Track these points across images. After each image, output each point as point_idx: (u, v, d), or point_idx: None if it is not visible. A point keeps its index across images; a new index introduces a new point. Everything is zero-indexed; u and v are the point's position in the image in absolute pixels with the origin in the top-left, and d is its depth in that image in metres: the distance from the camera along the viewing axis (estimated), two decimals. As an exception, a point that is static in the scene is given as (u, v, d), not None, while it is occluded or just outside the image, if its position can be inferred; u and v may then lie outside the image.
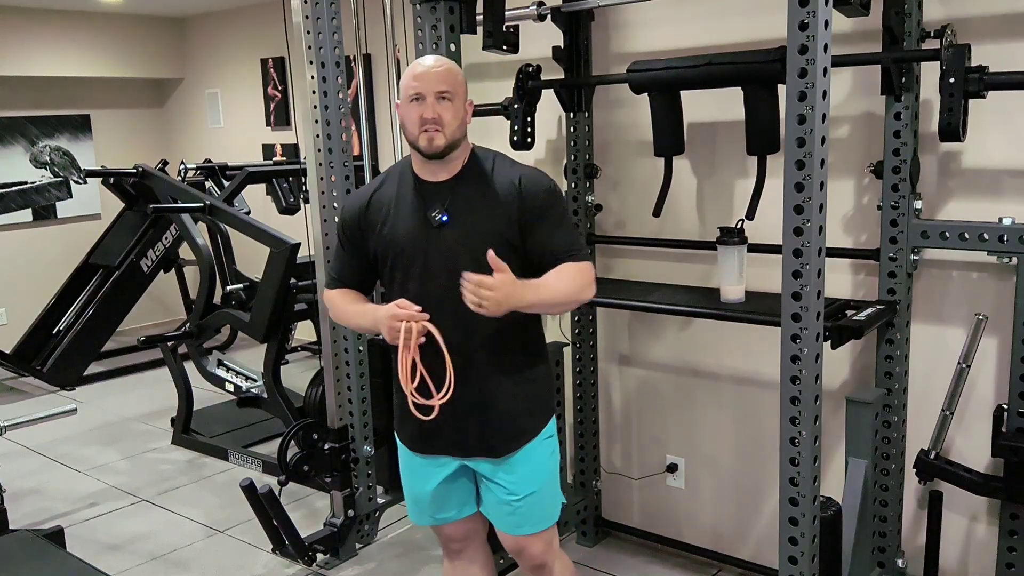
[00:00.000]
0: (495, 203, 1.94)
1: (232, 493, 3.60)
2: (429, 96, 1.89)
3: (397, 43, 3.34)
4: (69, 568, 2.23)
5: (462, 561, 2.25)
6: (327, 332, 3.11)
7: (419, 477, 2.11)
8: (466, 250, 1.91)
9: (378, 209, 2.01)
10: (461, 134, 1.95)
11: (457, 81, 1.94)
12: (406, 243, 1.96)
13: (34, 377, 5.33)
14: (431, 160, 1.94)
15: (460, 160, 1.98)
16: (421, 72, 1.91)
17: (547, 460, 2.10)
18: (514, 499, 2.04)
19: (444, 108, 1.90)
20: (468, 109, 1.98)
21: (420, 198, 1.97)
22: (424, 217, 1.95)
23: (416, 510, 2.16)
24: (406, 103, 1.93)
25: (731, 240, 2.41)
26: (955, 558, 2.51)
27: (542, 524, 2.11)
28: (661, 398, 3.04)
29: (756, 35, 2.52)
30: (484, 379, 1.97)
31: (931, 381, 2.44)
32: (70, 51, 6.17)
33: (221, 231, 4.43)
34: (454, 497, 2.11)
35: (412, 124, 1.91)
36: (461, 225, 1.93)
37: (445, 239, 1.93)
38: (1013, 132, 2.25)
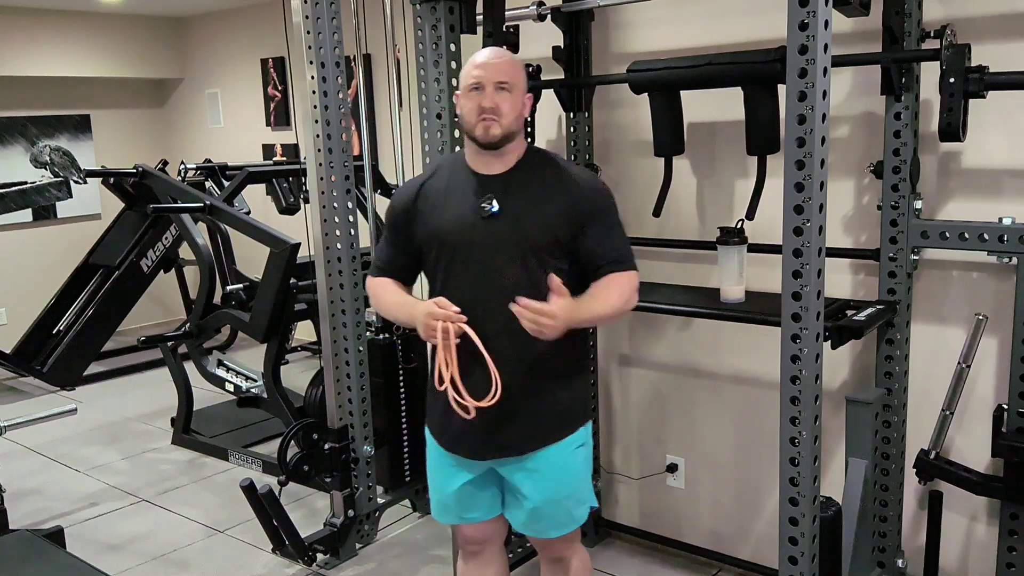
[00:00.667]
0: (547, 199, 1.94)
1: (232, 493, 3.60)
2: (489, 86, 1.90)
3: (397, 43, 3.34)
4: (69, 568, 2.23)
5: (478, 563, 2.23)
6: (327, 332, 3.11)
7: (446, 475, 2.09)
8: (514, 243, 1.91)
9: (428, 199, 2.00)
10: (517, 127, 1.95)
11: (517, 73, 1.94)
12: (455, 233, 1.95)
13: (34, 377, 5.33)
14: (486, 151, 1.94)
15: (515, 154, 1.98)
16: (482, 61, 1.92)
17: (577, 468, 2.07)
18: (534, 507, 2.03)
19: (503, 99, 1.90)
20: (527, 103, 1.97)
21: (472, 189, 1.96)
22: (475, 208, 1.94)
23: (441, 508, 2.15)
24: (465, 92, 1.93)
25: (731, 240, 2.41)
26: (955, 558, 2.51)
27: (566, 528, 2.10)
28: (661, 398, 3.04)
29: (756, 35, 2.52)
30: (522, 377, 1.96)
31: (931, 381, 2.44)
32: (70, 51, 6.17)
33: (221, 231, 4.43)
34: (481, 498, 2.10)
35: (470, 113, 1.92)
36: (511, 218, 1.92)
37: (494, 231, 1.92)
38: (1013, 132, 2.25)
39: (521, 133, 1.99)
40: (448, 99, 2.53)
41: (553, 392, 2.00)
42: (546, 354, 1.96)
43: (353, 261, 3.06)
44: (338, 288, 3.07)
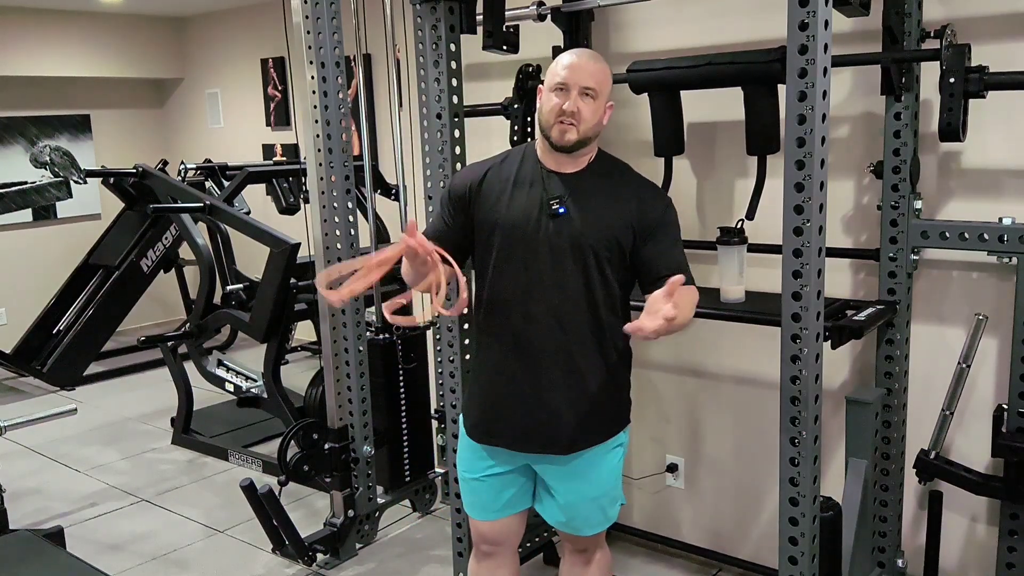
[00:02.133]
0: (614, 205, 1.93)
1: (232, 493, 3.60)
2: (574, 89, 1.88)
3: (397, 43, 3.34)
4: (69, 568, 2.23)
5: (491, 564, 2.22)
6: (327, 332, 3.11)
7: (481, 467, 2.08)
8: (576, 245, 1.90)
9: (492, 185, 1.99)
10: (594, 133, 1.94)
11: (605, 81, 1.92)
12: (516, 225, 1.93)
13: (34, 377, 5.33)
14: (557, 152, 1.94)
15: (587, 157, 1.97)
16: (572, 62, 1.90)
17: (613, 468, 2.07)
18: (569, 505, 2.04)
19: (585, 104, 1.88)
20: (608, 112, 1.96)
21: (540, 185, 1.95)
22: (541, 204, 1.93)
23: (471, 499, 2.14)
24: (549, 90, 1.91)
25: (731, 240, 2.41)
26: (955, 558, 2.51)
27: (600, 526, 2.11)
28: (661, 398, 3.04)
29: (756, 35, 2.52)
30: (567, 374, 1.95)
31: (931, 381, 2.44)
32: (70, 51, 6.17)
33: (221, 231, 4.43)
34: (510, 492, 2.09)
35: (550, 113, 1.90)
36: (577, 220, 1.91)
37: (558, 230, 1.91)
38: (1013, 132, 2.25)
39: (596, 140, 1.97)
40: (448, 99, 2.53)
41: (600, 393, 1.99)
42: (595, 354, 1.95)
43: (353, 261, 3.06)
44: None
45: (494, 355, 2.01)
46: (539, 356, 1.95)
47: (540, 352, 1.94)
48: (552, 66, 1.94)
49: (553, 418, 1.97)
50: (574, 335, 1.92)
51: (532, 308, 1.92)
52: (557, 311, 1.91)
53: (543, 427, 1.98)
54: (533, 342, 1.93)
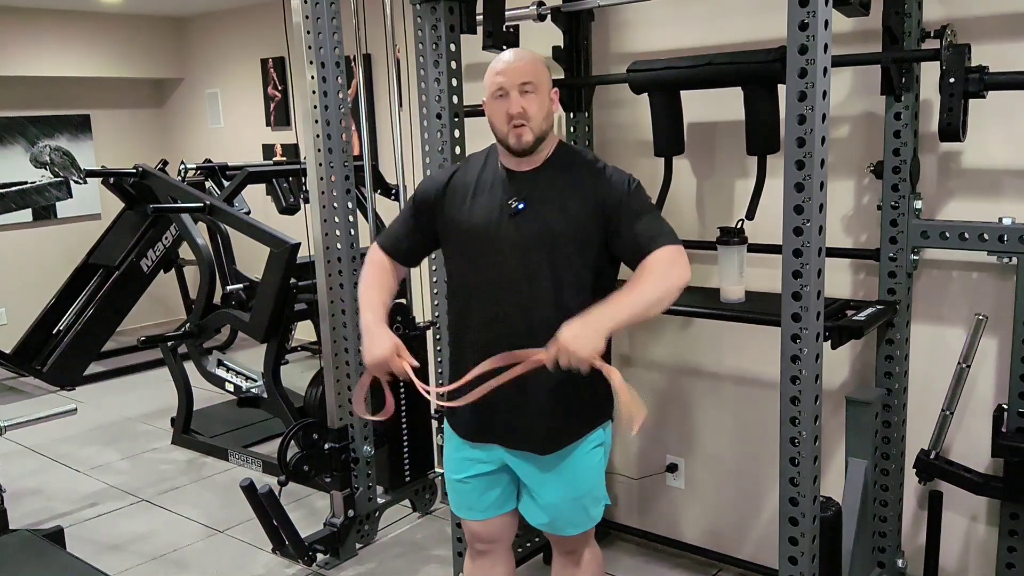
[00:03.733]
0: (573, 195, 1.93)
1: (232, 493, 3.60)
2: (513, 90, 1.88)
3: (397, 43, 3.34)
4: (69, 568, 2.23)
5: (485, 562, 2.23)
6: (327, 332, 3.11)
7: (465, 466, 2.10)
8: (539, 239, 1.91)
9: (456, 190, 2.01)
10: (548, 126, 1.94)
11: (539, 72, 1.92)
12: (479, 227, 1.95)
13: (34, 377, 5.33)
14: (518, 156, 1.95)
15: (545, 152, 1.97)
16: (502, 67, 1.91)
17: (594, 467, 2.08)
18: (551, 505, 2.04)
19: (529, 101, 1.89)
20: (553, 99, 1.96)
21: (501, 185, 1.97)
22: (501, 204, 1.94)
23: (458, 500, 2.17)
24: (491, 100, 1.92)
25: (731, 240, 2.41)
26: (955, 558, 2.51)
27: (583, 527, 2.11)
28: (661, 398, 3.04)
29: (756, 35, 2.52)
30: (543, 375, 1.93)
31: (931, 381, 2.44)
32: (70, 51, 6.17)
33: (221, 231, 4.43)
34: (494, 492, 2.11)
35: (500, 121, 1.91)
36: (537, 214, 1.92)
37: (519, 227, 1.92)
38: (1013, 132, 2.25)
39: (552, 131, 1.97)
40: (448, 99, 2.53)
41: (574, 391, 1.99)
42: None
43: (353, 261, 3.06)
44: (338, 288, 3.08)
45: (468, 355, 2.01)
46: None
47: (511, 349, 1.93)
48: (486, 76, 1.95)
49: (528, 416, 1.98)
50: (544, 331, 1.88)
51: (501, 307, 1.93)
52: (526, 308, 1.92)
53: (520, 425, 2.00)
54: (504, 340, 1.93)
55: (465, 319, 2.04)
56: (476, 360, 1.95)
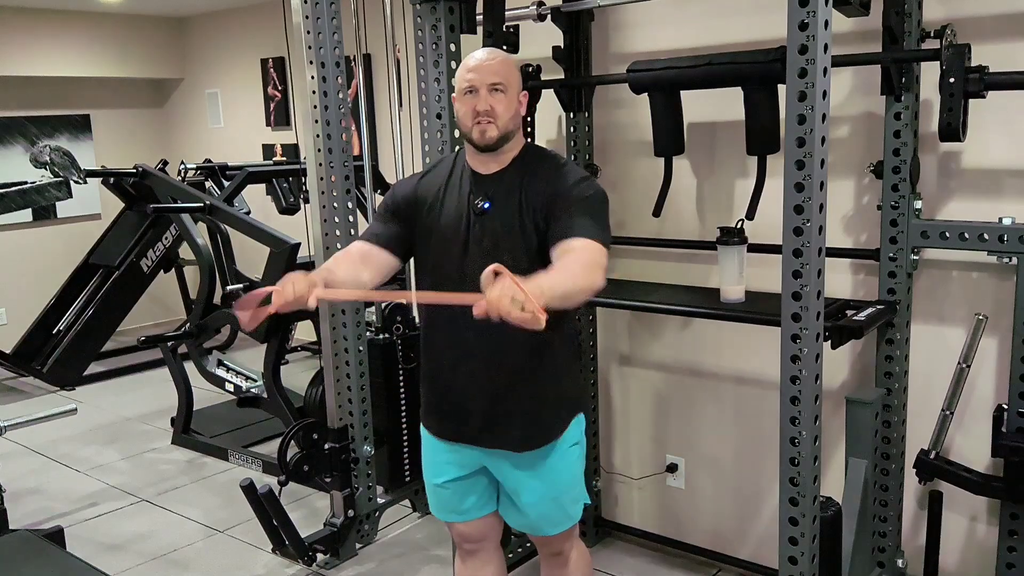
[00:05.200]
0: (536, 193, 1.94)
1: (232, 493, 3.60)
2: (482, 88, 1.90)
3: (397, 43, 3.34)
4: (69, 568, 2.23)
5: (475, 562, 2.24)
6: (327, 332, 3.11)
7: (442, 470, 2.11)
8: (505, 239, 1.92)
9: (426, 194, 2.02)
10: (514, 126, 1.95)
11: (511, 73, 1.94)
12: (448, 229, 1.96)
13: (34, 377, 5.33)
14: (483, 152, 1.96)
15: (511, 153, 1.99)
16: (475, 64, 1.93)
17: (571, 465, 2.08)
18: (530, 504, 2.04)
19: (497, 100, 1.90)
20: (522, 101, 1.98)
21: (469, 187, 1.98)
22: (469, 204, 1.96)
23: (437, 503, 2.17)
24: (460, 96, 1.94)
25: (731, 240, 2.41)
26: (955, 558, 2.51)
27: (563, 526, 2.11)
28: (661, 398, 3.04)
29: (756, 35, 2.52)
30: (515, 371, 1.96)
31: (931, 381, 2.44)
32: (70, 51, 6.17)
33: (221, 231, 4.43)
34: (476, 491, 2.11)
35: (466, 116, 1.92)
36: (501, 213, 1.94)
37: (486, 227, 1.94)
38: (1013, 132, 2.25)
39: (519, 132, 1.99)
40: (448, 99, 2.53)
41: (544, 391, 2.01)
42: (536, 351, 1.96)
43: (353, 261, 3.06)
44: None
45: (442, 356, 2.03)
46: (483, 354, 1.96)
47: (484, 350, 1.95)
48: (457, 72, 1.97)
49: (502, 416, 1.99)
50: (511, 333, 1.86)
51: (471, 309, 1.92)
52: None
53: (494, 425, 2.00)
54: (477, 341, 1.94)
55: (434, 321, 2.04)
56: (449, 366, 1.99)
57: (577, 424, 2.09)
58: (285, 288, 1.73)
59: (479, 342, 1.94)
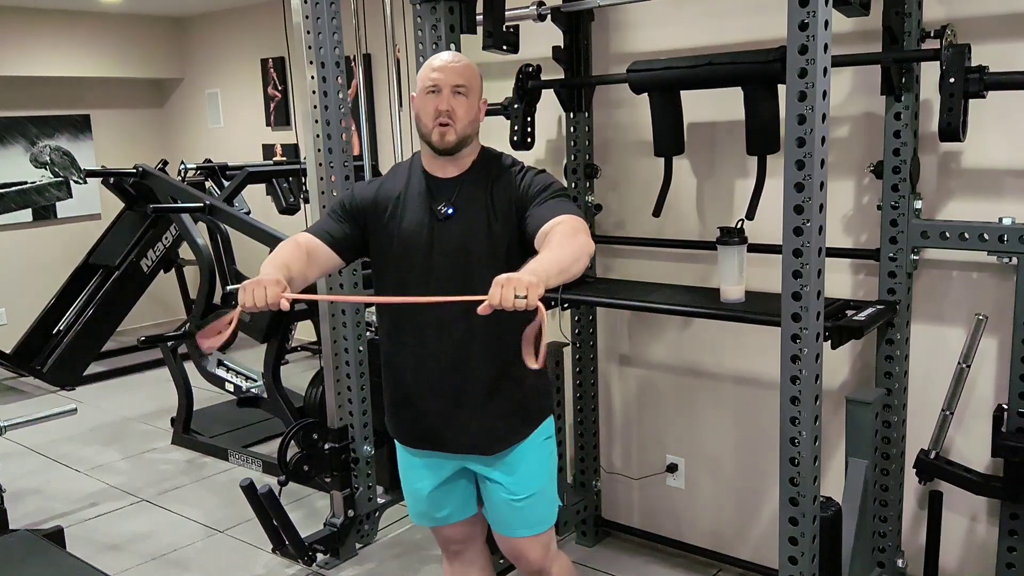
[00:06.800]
0: (498, 196, 1.95)
1: (232, 493, 3.60)
2: (445, 89, 1.90)
3: (397, 43, 3.34)
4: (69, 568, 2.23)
5: (461, 563, 2.25)
6: (327, 332, 3.11)
7: (417, 476, 2.11)
8: (468, 244, 1.92)
9: (384, 202, 2.00)
10: (472, 131, 1.96)
11: (474, 77, 1.95)
12: (411, 236, 1.95)
13: (34, 377, 5.33)
14: (441, 156, 1.95)
15: (469, 158, 1.99)
16: (440, 65, 1.93)
17: (546, 462, 2.10)
18: (514, 499, 2.04)
19: (459, 103, 1.91)
20: (482, 107, 1.99)
21: (428, 193, 1.97)
22: (430, 211, 1.95)
23: (415, 510, 2.17)
24: (422, 95, 1.94)
25: (731, 240, 2.41)
26: (955, 558, 2.51)
27: (539, 527, 2.10)
28: (661, 398, 3.04)
29: (756, 35, 2.52)
30: (480, 375, 1.97)
31: (931, 381, 2.44)
32: (70, 51, 6.17)
33: (221, 231, 4.43)
34: (453, 498, 2.11)
35: (427, 116, 1.92)
36: (465, 219, 1.94)
37: (450, 233, 1.94)
38: (1013, 132, 2.25)
39: (476, 137, 1.99)
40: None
41: (510, 390, 2.00)
42: (499, 353, 1.95)
43: (353, 261, 3.06)
44: (338, 288, 3.08)
45: (407, 363, 2.00)
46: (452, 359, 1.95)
47: (453, 354, 1.94)
48: (421, 71, 1.97)
49: (467, 423, 1.98)
50: (479, 333, 1.91)
51: (437, 313, 1.91)
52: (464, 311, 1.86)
53: (460, 432, 1.99)
54: (445, 346, 1.94)
55: (399, 331, 2.01)
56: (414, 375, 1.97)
57: (549, 422, 2.09)
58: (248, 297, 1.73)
59: (444, 347, 1.94)
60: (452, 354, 1.95)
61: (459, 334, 1.93)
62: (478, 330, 1.90)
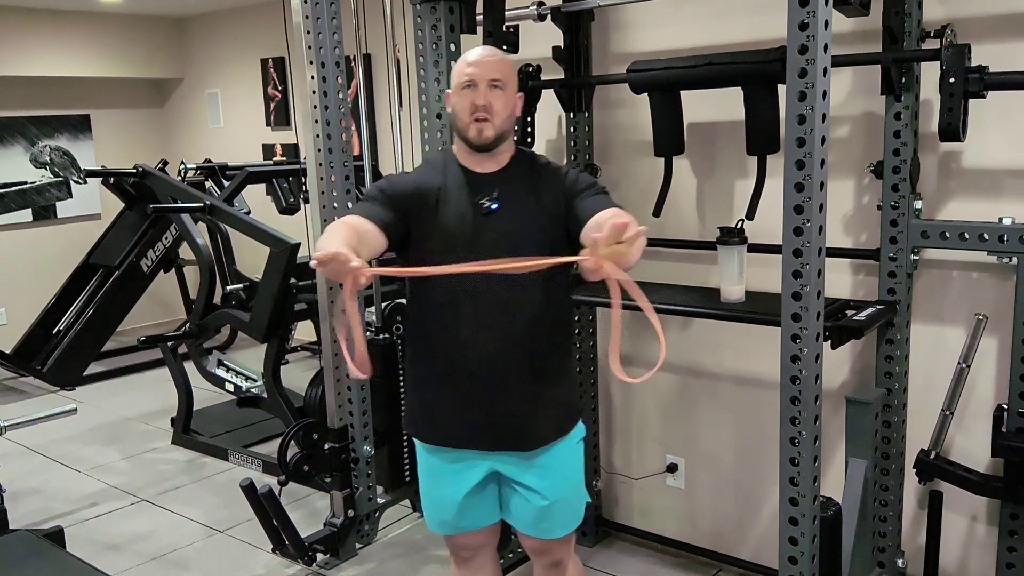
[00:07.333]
0: (542, 194, 1.94)
1: (232, 493, 3.60)
2: (482, 83, 1.89)
3: (397, 43, 3.34)
4: (69, 568, 2.23)
5: (471, 568, 2.21)
6: (327, 332, 3.11)
7: (447, 482, 2.05)
8: (513, 238, 1.90)
9: (425, 194, 1.96)
10: (510, 125, 1.95)
11: (509, 71, 1.94)
12: (455, 231, 1.92)
13: (34, 377, 5.33)
14: (478, 152, 1.94)
15: (507, 154, 1.98)
16: (475, 59, 1.92)
17: (579, 462, 2.08)
18: (545, 504, 2.01)
19: (495, 96, 1.90)
20: (518, 102, 1.97)
21: (469, 187, 1.95)
22: (473, 205, 1.93)
23: (438, 518, 2.10)
24: (458, 91, 1.92)
25: (731, 240, 2.41)
26: (955, 558, 2.51)
27: (570, 526, 2.09)
28: (661, 398, 3.04)
29: (756, 35, 2.52)
30: (520, 370, 1.94)
31: (931, 381, 2.44)
32: (70, 51, 6.17)
33: (221, 231, 4.43)
34: (480, 504, 2.07)
35: (463, 112, 1.91)
36: (510, 213, 1.93)
37: (494, 227, 1.92)
38: (1013, 132, 2.25)
39: (512, 134, 1.99)
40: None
41: (553, 387, 2.00)
42: (543, 348, 1.96)
43: (353, 261, 3.06)
44: (338, 288, 3.07)
45: (445, 360, 1.98)
46: (495, 355, 1.93)
47: (497, 351, 1.93)
48: (455, 68, 1.95)
49: (511, 416, 1.96)
50: (520, 327, 1.91)
51: (480, 308, 1.90)
52: (512, 307, 1.90)
53: (506, 426, 1.97)
54: (489, 342, 1.92)
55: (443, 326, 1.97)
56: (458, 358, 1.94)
57: (582, 423, 2.10)
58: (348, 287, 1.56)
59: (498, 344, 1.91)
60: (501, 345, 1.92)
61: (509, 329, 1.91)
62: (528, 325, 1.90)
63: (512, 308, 1.91)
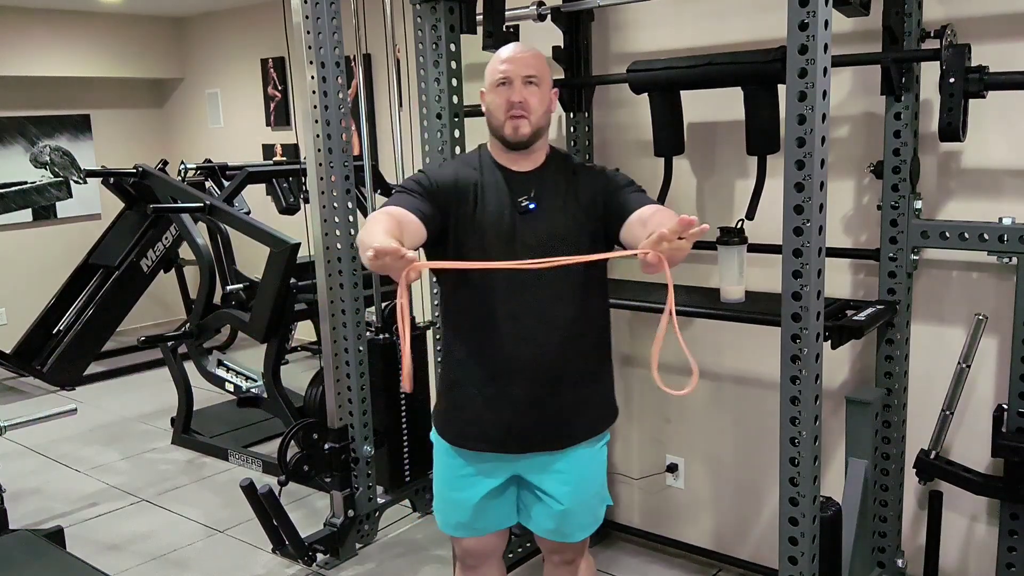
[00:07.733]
0: (580, 194, 1.94)
1: (232, 493, 3.60)
2: (516, 80, 1.88)
3: (397, 43, 3.34)
4: (69, 568, 2.23)
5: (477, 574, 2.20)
6: (327, 332, 3.11)
7: (466, 484, 2.02)
8: (554, 238, 1.88)
9: (463, 189, 1.93)
10: (545, 122, 1.94)
11: (544, 67, 1.93)
12: (491, 229, 1.90)
13: (34, 377, 5.33)
14: (513, 150, 1.93)
15: (542, 152, 1.97)
16: (508, 56, 1.90)
17: (601, 466, 2.08)
18: (566, 509, 2.00)
19: (531, 93, 1.88)
20: (553, 98, 1.96)
21: (506, 186, 1.93)
22: (512, 204, 1.92)
23: (453, 520, 2.07)
24: (492, 88, 1.90)
25: (731, 240, 2.41)
26: (955, 558, 2.51)
27: (590, 529, 2.09)
28: (661, 398, 3.04)
29: (756, 35, 2.52)
30: (557, 370, 1.93)
31: (931, 381, 2.44)
32: (70, 51, 6.17)
33: (221, 231, 4.43)
34: (497, 507, 2.05)
35: (498, 109, 1.89)
36: (548, 213, 1.91)
37: (533, 227, 1.90)
38: (1013, 132, 2.25)
39: (547, 130, 1.97)
40: (448, 99, 2.53)
41: (590, 387, 1.99)
42: (582, 347, 1.96)
43: (353, 261, 3.06)
44: (338, 288, 3.08)
45: (478, 359, 1.96)
46: (532, 354, 1.91)
47: (533, 350, 1.91)
48: (489, 65, 1.94)
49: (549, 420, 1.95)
50: (557, 328, 1.91)
51: (517, 308, 1.89)
52: (541, 306, 1.89)
53: (539, 428, 1.95)
54: (524, 341, 1.91)
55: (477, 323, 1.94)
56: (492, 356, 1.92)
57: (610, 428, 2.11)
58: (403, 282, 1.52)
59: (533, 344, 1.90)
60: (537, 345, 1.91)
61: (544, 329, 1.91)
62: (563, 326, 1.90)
63: (551, 314, 1.90)
